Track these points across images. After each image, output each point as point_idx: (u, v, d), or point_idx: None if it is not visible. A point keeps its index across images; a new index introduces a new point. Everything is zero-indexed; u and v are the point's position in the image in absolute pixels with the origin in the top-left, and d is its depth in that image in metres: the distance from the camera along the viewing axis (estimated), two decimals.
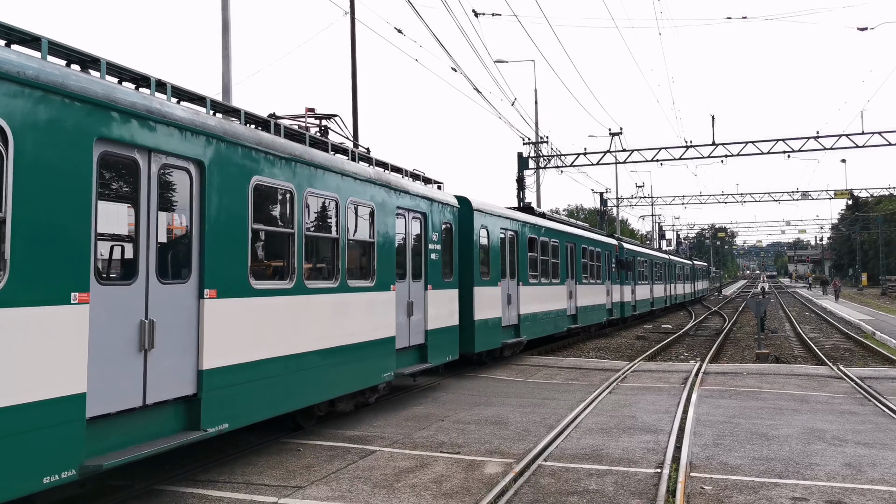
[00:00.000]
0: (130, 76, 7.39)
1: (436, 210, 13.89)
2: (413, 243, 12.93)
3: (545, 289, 20.85)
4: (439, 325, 13.68)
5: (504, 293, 17.61)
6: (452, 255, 14.67)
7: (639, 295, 36.30)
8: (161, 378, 6.98)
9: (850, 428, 10.67)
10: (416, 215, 13.06)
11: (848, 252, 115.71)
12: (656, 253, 45.64)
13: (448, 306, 14.25)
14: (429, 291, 13.26)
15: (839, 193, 60.65)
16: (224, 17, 14.45)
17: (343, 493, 7.39)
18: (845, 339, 29.43)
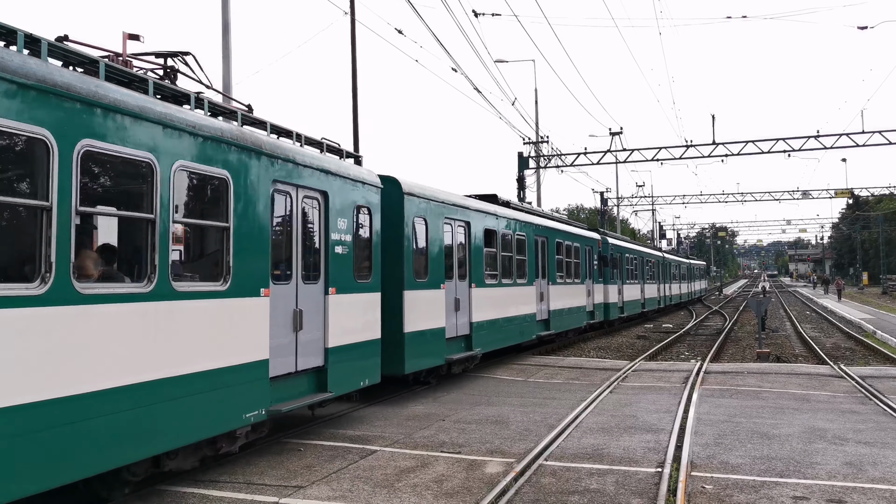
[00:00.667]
0: None
1: (343, 189, 10.53)
2: (305, 232, 9.66)
3: (507, 290, 17.74)
4: (348, 341, 10.47)
5: (450, 298, 14.48)
6: (372, 249, 11.43)
7: (627, 295, 33.26)
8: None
9: (851, 427, 10.67)
10: (309, 194, 9.73)
11: (849, 251, 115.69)
12: (648, 250, 42.30)
13: (363, 315, 11.06)
14: (331, 296, 10.05)
15: (840, 192, 60.66)
16: (224, 18, 14.45)
17: (344, 492, 7.40)
18: (846, 338, 29.43)
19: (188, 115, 7.57)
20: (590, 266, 26.86)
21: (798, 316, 43.01)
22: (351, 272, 10.67)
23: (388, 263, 12.28)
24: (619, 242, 33.07)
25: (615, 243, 31.50)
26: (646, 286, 38.10)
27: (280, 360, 8.91)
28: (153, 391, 6.75)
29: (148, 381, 6.72)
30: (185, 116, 7.48)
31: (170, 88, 7.98)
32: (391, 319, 12.25)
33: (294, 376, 9.32)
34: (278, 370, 8.87)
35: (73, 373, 5.94)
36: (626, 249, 34.09)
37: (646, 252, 39.97)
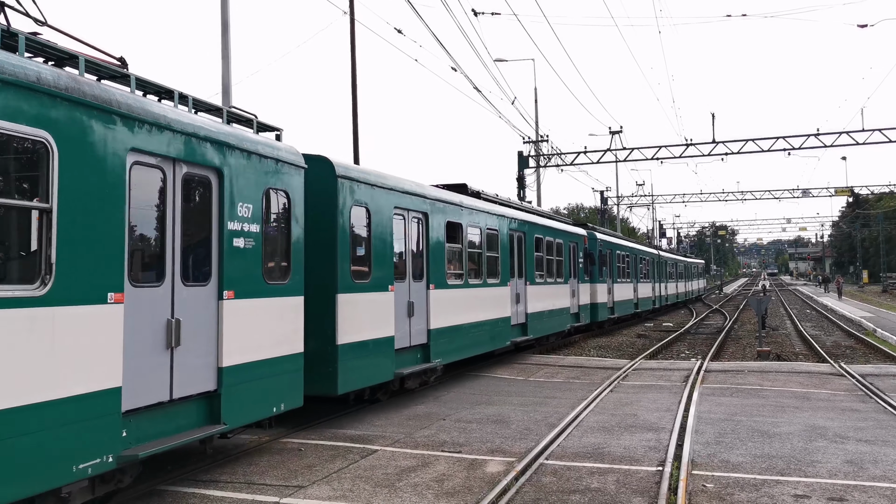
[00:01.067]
0: None
1: (248, 168, 8.36)
2: (186, 219, 7.55)
3: (475, 292, 15.69)
4: (252, 358, 8.36)
5: (401, 301, 12.42)
6: (291, 244, 9.30)
7: (619, 295, 31.26)
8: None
9: (851, 425, 10.67)
10: (194, 172, 7.63)
11: (849, 249, 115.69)
12: (642, 247, 39.91)
13: (277, 325, 8.91)
14: (227, 302, 7.92)
15: (840, 191, 60.75)
16: (224, 17, 14.45)
17: (345, 492, 7.40)
18: (846, 336, 29.42)
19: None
20: (574, 264, 24.59)
21: (798, 314, 43.01)
22: (259, 272, 8.52)
23: (317, 261, 10.26)
24: (608, 238, 30.67)
25: (604, 239, 29.28)
26: (639, 285, 36.24)
27: (141, 388, 6.79)
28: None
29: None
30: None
31: None
32: (320, 329, 10.28)
33: (168, 407, 7.16)
34: (139, 400, 6.74)
35: None
36: (617, 246, 31.98)
37: (639, 249, 37.78)
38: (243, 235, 8.29)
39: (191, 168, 7.57)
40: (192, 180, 7.64)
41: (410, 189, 12.97)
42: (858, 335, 28.36)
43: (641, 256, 37.52)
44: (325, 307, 10.40)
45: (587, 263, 26.02)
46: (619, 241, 33.73)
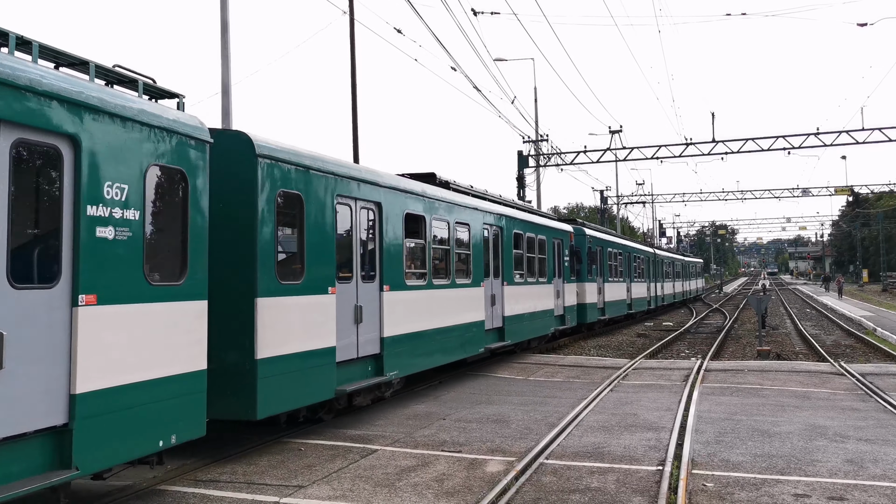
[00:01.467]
0: None
1: (119, 137, 6.61)
2: (20, 200, 5.91)
3: (441, 294, 13.92)
4: (124, 380, 6.58)
5: (346, 305, 10.63)
6: (188, 235, 7.44)
7: (610, 295, 29.54)
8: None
9: (851, 424, 10.67)
10: (32, 139, 5.88)
11: (849, 248, 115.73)
12: (635, 245, 37.68)
13: (165, 337, 7.14)
14: (85, 309, 6.18)
15: (839, 190, 60.75)
16: (223, 17, 14.45)
17: (345, 492, 7.39)
18: (846, 335, 29.42)
19: None
20: (560, 262, 22.49)
21: (798, 313, 43.02)
22: (137, 269, 6.76)
23: (229, 259, 8.55)
24: (598, 235, 28.83)
25: (593, 235, 27.58)
26: (633, 285, 34.35)
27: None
28: None
29: None
30: None
31: None
32: (233, 340, 8.52)
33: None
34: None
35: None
36: (608, 243, 30.09)
37: (632, 247, 35.73)
38: (110, 224, 6.46)
39: (25, 134, 5.75)
40: (28, 150, 5.90)
41: (359, 175, 11.16)
42: (858, 334, 28.36)
43: (635, 254, 35.59)
44: (240, 314, 8.59)
45: (573, 261, 23.95)
46: (610, 237, 31.68)
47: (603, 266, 28.64)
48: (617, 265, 31.38)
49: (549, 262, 21.29)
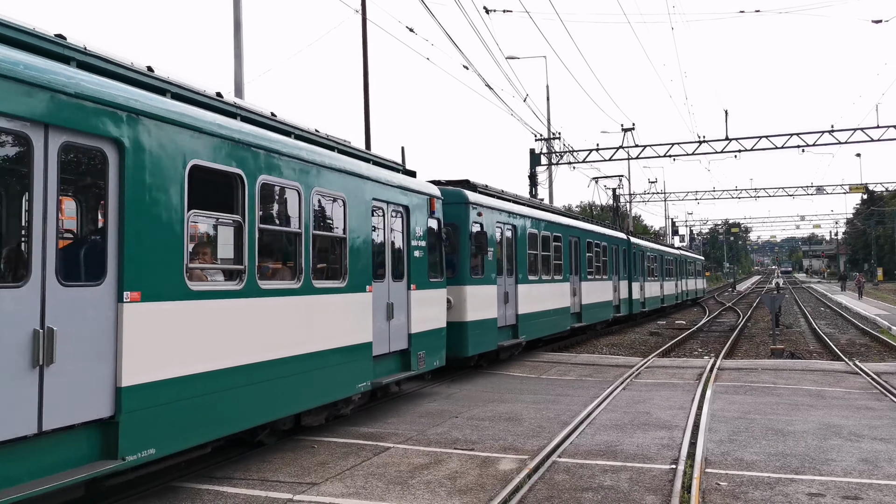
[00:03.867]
0: None
1: None
2: None
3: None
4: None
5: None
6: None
7: (533, 305, 18.71)
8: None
9: (866, 423, 10.61)
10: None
11: (863, 247, 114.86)
12: (605, 231, 28.05)
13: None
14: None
15: (854, 188, 60.34)
16: (236, 16, 14.50)
17: (357, 489, 7.41)
18: (861, 334, 29.23)
19: None
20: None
21: (812, 312, 42.77)
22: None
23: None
24: (542, 215, 19.92)
25: (535, 215, 19.19)
26: (588, 284, 24.51)
27: None
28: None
29: None
30: None
31: None
32: None
33: None
34: None
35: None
36: (564, 228, 21.59)
37: (598, 232, 26.62)
38: None
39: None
40: None
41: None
42: (873, 333, 28.16)
43: (602, 243, 26.80)
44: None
45: (477, 253, 15.59)
46: (568, 221, 23.28)
47: (514, 262, 18.93)
48: (563, 258, 22.27)
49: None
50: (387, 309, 11.20)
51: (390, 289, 11.42)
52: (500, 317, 16.39)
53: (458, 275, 14.67)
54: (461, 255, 14.80)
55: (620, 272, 29.76)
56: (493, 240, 16.00)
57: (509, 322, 17.08)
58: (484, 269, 15.46)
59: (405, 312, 11.81)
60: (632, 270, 31.54)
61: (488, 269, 15.67)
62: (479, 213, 15.40)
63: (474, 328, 14.91)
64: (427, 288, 12.61)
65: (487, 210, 15.90)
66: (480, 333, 15.20)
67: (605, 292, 27.39)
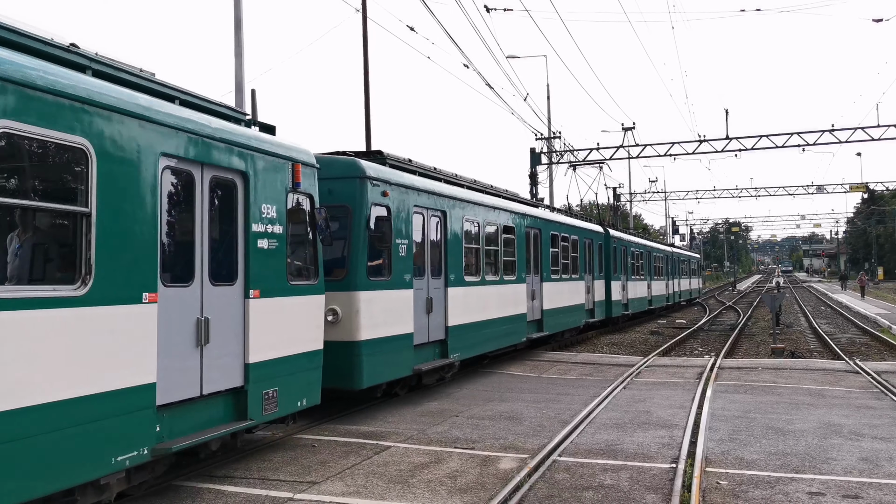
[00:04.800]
0: None
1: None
2: None
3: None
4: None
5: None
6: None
7: (472, 314, 14.82)
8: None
9: (866, 422, 10.61)
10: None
11: (864, 246, 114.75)
12: (575, 222, 24.24)
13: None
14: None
15: (854, 187, 60.29)
16: (237, 15, 14.49)
17: (358, 488, 7.42)
18: (861, 333, 29.23)
19: None
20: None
21: (813, 311, 42.76)
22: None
23: None
24: (469, 197, 15.14)
25: (464, 198, 14.69)
26: (551, 287, 20.20)
27: None
28: None
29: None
30: None
31: None
32: None
33: None
34: None
35: None
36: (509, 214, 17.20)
37: (568, 224, 22.85)
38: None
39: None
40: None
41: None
42: (874, 332, 28.16)
43: (575, 235, 23.11)
44: None
45: (374, 246, 11.59)
46: (519, 206, 18.65)
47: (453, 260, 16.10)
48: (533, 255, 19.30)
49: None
50: (196, 329, 7.37)
51: (205, 297, 7.51)
52: (419, 331, 12.42)
53: (349, 277, 10.74)
54: (353, 250, 10.85)
55: (595, 270, 25.50)
56: (408, 229, 12.12)
57: (435, 337, 13.09)
58: (392, 268, 11.55)
59: (238, 333, 7.96)
60: (611, 268, 27.49)
61: (400, 268, 11.78)
62: (385, 192, 11.43)
63: (373, 349, 10.90)
64: (285, 294, 8.63)
65: (399, 189, 11.94)
66: (384, 355, 11.28)
67: (574, 294, 22.77)
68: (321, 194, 9.72)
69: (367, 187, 11.08)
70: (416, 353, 12.32)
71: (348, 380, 10.64)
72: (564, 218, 23.16)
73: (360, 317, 10.70)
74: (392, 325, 11.56)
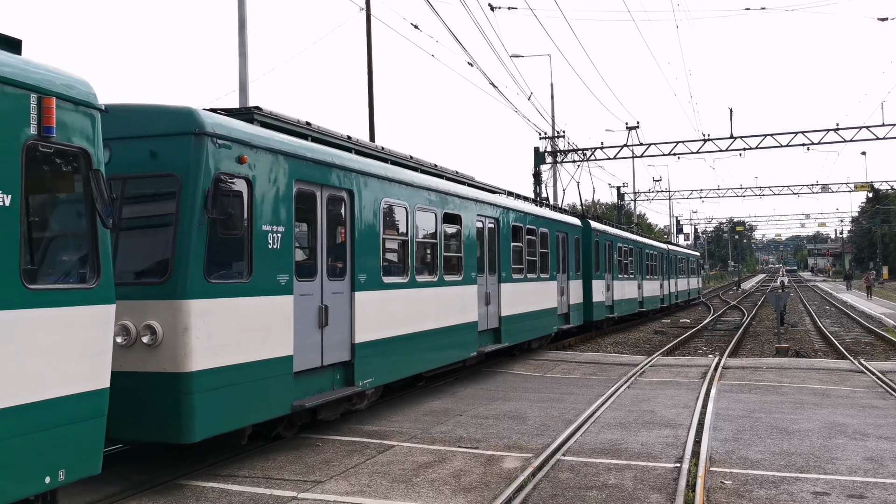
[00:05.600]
0: None
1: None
2: None
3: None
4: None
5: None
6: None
7: (392, 326, 11.44)
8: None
9: (871, 422, 10.58)
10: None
11: (868, 245, 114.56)
12: (545, 213, 20.89)
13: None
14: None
15: (859, 186, 60.15)
16: (240, 14, 14.49)
17: (362, 487, 7.42)
18: (866, 332, 29.17)
19: None
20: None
21: (817, 311, 42.68)
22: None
23: None
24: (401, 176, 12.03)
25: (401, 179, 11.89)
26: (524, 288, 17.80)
27: None
28: None
29: None
30: None
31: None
32: None
33: None
34: None
35: None
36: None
37: (533, 213, 19.11)
38: None
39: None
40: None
41: None
42: (878, 332, 28.10)
43: (544, 228, 19.61)
44: None
45: (184, 234, 7.84)
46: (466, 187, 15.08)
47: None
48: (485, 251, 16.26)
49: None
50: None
51: None
52: (306, 352, 9.10)
53: (174, 278, 7.45)
54: (181, 239, 7.54)
55: (571, 268, 21.87)
56: (286, 212, 8.79)
57: (335, 359, 9.79)
58: (254, 266, 8.22)
59: None
60: (591, 266, 24.15)
61: (268, 266, 8.46)
62: (242, 157, 8.10)
63: (215, 382, 7.61)
64: (29, 305, 5.43)
65: (270, 156, 8.57)
66: (237, 390, 7.95)
67: (542, 296, 19.04)
68: (139, 160, 7.62)
69: (205, 148, 7.72)
70: (301, 382, 9.02)
71: (169, 430, 7.34)
72: (531, 207, 19.60)
73: (192, 336, 7.35)
74: (254, 347, 8.18)
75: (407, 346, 11.67)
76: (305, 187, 9.33)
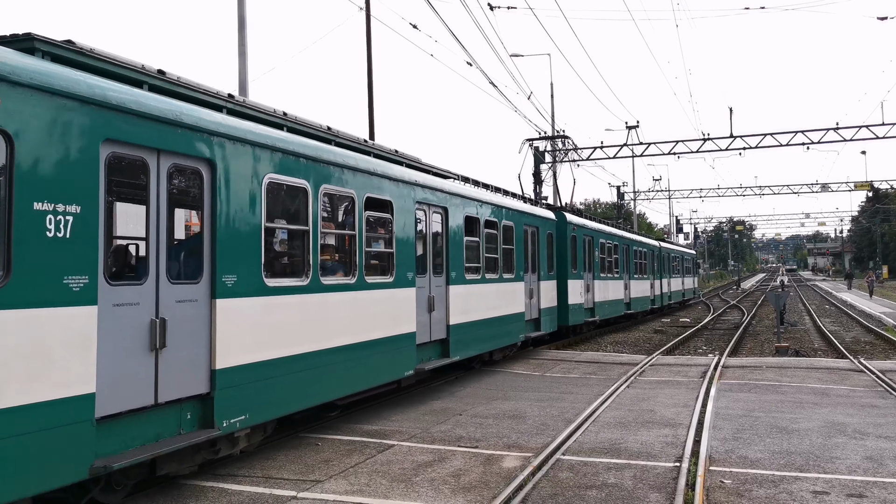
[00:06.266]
0: None
1: None
2: None
3: None
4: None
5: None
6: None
7: (283, 345, 8.63)
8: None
9: (871, 421, 10.58)
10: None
11: (868, 244, 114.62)
12: (510, 203, 17.57)
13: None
14: None
15: (859, 185, 60.11)
16: (240, 14, 14.49)
17: (361, 487, 7.42)
18: (866, 332, 29.18)
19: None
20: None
21: (817, 310, 42.68)
22: None
23: None
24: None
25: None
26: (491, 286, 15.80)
27: None
28: None
29: None
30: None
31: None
32: None
33: None
34: None
35: None
36: None
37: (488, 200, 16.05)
38: None
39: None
40: None
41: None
42: (878, 331, 28.10)
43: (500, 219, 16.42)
44: None
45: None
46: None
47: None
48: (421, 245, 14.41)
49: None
50: None
51: None
52: (118, 388, 6.31)
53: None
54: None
55: (543, 267, 19.36)
56: (77, 181, 5.99)
57: (178, 395, 7.00)
58: (11, 258, 5.41)
59: None
60: (567, 264, 21.33)
61: (33, 258, 5.55)
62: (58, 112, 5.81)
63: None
64: None
65: (48, 100, 5.73)
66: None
67: (505, 300, 16.50)
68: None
69: None
70: (110, 432, 6.29)
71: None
72: (492, 195, 16.48)
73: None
74: (14, 386, 5.38)
75: (307, 369, 8.94)
76: (129, 152, 6.57)
